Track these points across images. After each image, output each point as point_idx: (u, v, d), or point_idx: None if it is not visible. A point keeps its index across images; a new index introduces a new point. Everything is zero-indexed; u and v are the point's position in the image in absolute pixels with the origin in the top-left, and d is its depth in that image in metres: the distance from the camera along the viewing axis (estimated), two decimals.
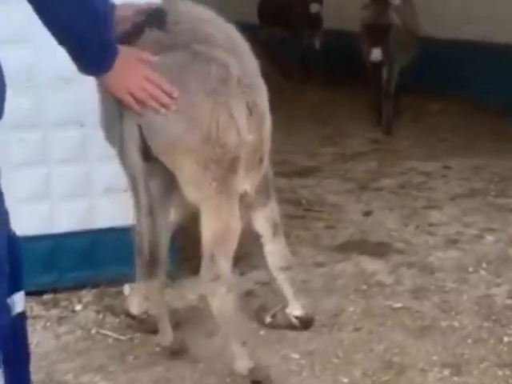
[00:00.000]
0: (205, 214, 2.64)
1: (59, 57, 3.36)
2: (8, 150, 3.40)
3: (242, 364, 2.72)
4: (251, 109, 2.62)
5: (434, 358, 2.99)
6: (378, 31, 6.68)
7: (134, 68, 2.42)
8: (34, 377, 2.84)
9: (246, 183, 2.78)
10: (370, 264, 3.93)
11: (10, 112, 3.39)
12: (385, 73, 7.06)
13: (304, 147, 6.66)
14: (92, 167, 3.51)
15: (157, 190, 2.75)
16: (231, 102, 2.54)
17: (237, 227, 2.69)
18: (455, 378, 2.85)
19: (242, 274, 3.83)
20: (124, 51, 2.41)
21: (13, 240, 2.06)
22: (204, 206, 2.64)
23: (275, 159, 6.07)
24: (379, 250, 4.11)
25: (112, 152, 2.79)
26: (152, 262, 2.61)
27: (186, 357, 3.00)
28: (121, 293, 3.56)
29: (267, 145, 2.85)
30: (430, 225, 4.51)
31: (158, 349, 3.05)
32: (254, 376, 2.72)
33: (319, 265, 3.94)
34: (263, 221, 3.09)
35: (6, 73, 3.36)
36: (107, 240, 3.59)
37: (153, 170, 2.64)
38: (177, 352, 2.97)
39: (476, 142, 6.66)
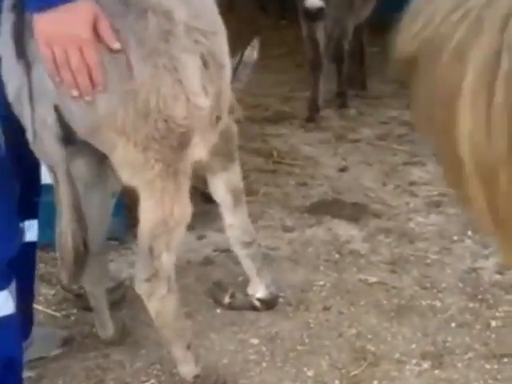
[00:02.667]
0: (144, 198, 2.11)
1: None
2: None
3: (187, 369, 2.33)
4: (207, 60, 2.07)
5: (413, 346, 2.63)
6: None
7: (76, 25, 1.85)
8: None
9: (200, 150, 2.24)
10: (344, 229, 3.53)
11: None
12: (328, 30, 5.14)
13: (278, 90, 6.17)
14: None
15: (87, 167, 2.27)
16: (177, 60, 1.98)
17: (184, 215, 2.16)
18: (436, 372, 2.49)
19: (200, 237, 3.42)
20: (84, 3, 1.85)
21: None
22: (144, 190, 2.11)
23: (247, 102, 5.68)
24: (354, 212, 3.70)
25: None
26: (78, 265, 2.13)
27: (127, 341, 2.60)
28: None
29: (226, 99, 2.34)
30: (411, 184, 4.10)
31: (95, 329, 2.65)
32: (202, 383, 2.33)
33: (288, 229, 3.53)
34: (223, 188, 2.64)
35: None
36: (43, 198, 3.14)
37: (79, 150, 2.14)
38: (116, 341, 2.57)
39: None
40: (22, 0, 1.93)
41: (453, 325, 2.76)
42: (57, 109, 1.98)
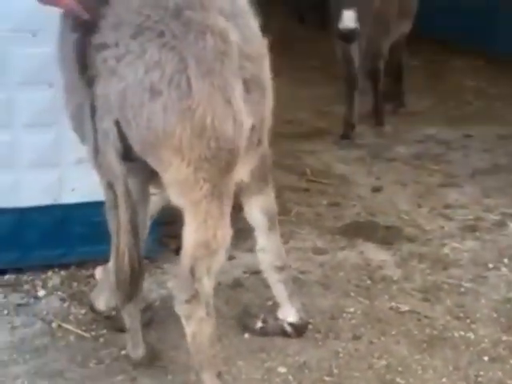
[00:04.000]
0: (189, 219, 2.18)
1: (24, 5, 2.93)
2: None
3: None
4: (250, 85, 2.16)
5: (444, 380, 2.58)
6: None
7: None
8: None
9: (241, 171, 2.34)
10: (377, 253, 3.48)
11: None
12: (362, 48, 5.05)
13: (314, 104, 6.13)
14: (62, 134, 3.03)
15: (136, 187, 2.33)
16: (229, 81, 2.07)
17: (225, 238, 2.22)
18: None
19: (230, 258, 3.39)
20: None
21: None
22: (189, 211, 2.17)
23: (281, 118, 5.65)
24: (387, 235, 3.66)
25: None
26: (133, 284, 2.16)
27: (154, 365, 2.60)
28: (92, 277, 3.15)
29: (268, 123, 2.40)
30: (446, 206, 4.04)
31: (124, 352, 2.65)
32: None
33: (319, 251, 3.50)
34: (258, 211, 2.66)
35: None
36: (79, 216, 3.16)
37: (132, 169, 2.20)
38: (145, 364, 2.58)
39: (501, 107, 6.12)
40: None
41: (485, 358, 2.70)
42: (117, 124, 2.04)
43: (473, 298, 3.11)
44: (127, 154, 2.11)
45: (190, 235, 2.17)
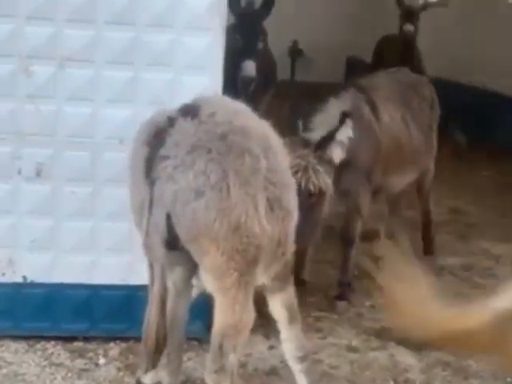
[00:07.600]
0: (219, 304, 2.66)
1: (116, 117, 3.54)
2: (59, 201, 3.55)
3: None
4: (272, 204, 2.66)
5: None
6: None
7: None
8: None
9: (264, 276, 2.82)
10: (405, 357, 3.80)
11: (65, 165, 3.58)
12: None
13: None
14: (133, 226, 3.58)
15: (181, 274, 2.83)
16: (258, 193, 2.60)
17: (249, 320, 2.69)
18: None
19: (270, 347, 3.80)
20: None
21: None
22: (220, 296, 2.66)
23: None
24: (419, 342, 3.95)
25: None
26: (157, 354, 2.64)
27: None
28: None
29: (291, 241, 2.87)
30: None
31: None
32: None
33: (352, 349, 3.85)
34: (279, 306, 3.07)
35: (67, 128, 3.55)
36: (142, 296, 3.65)
37: (177, 257, 2.72)
38: None
39: None
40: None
41: None
42: (168, 216, 2.58)
43: None
44: (174, 243, 2.62)
45: (219, 317, 2.64)
